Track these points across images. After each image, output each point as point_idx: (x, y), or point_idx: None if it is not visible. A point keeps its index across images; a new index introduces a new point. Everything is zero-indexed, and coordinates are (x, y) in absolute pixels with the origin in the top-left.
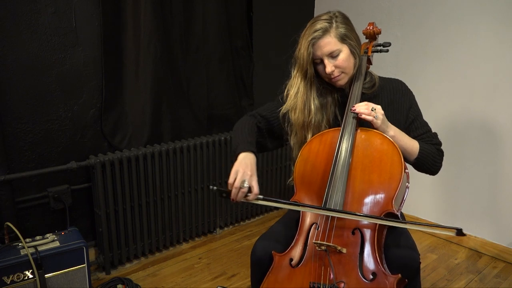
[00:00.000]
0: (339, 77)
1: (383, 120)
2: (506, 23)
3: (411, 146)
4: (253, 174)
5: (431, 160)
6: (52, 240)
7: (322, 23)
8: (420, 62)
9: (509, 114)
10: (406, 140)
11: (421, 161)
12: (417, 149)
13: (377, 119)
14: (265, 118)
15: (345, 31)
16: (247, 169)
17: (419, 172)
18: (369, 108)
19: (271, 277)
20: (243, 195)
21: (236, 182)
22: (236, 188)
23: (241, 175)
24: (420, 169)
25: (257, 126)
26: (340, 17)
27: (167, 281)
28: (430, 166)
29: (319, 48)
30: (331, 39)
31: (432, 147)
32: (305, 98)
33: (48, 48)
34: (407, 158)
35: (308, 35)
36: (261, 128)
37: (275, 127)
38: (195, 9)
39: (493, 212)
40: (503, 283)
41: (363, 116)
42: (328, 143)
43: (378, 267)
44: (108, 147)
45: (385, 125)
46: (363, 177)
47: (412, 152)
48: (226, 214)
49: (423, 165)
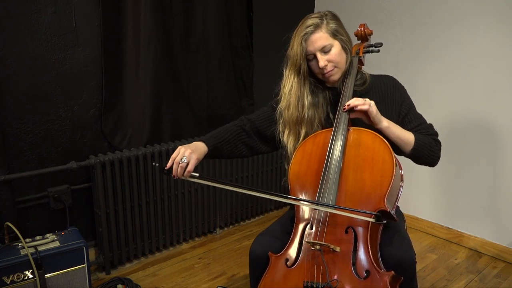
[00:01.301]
0: (332, 72)
1: (377, 110)
2: (506, 23)
3: (406, 137)
4: (193, 152)
5: (427, 150)
6: (52, 240)
7: (313, 19)
8: (420, 62)
9: (509, 114)
10: (400, 131)
11: (418, 152)
12: (412, 140)
13: (372, 107)
14: (251, 121)
15: (335, 27)
16: (189, 148)
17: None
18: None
19: (267, 278)
20: (182, 171)
21: (177, 157)
22: (176, 163)
23: (183, 152)
24: (418, 160)
25: (242, 128)
26: (330, 15)
27: (167, 281)
28: (428, 157)
29: (311, 43)
30: (323, 34)
31: (428, 137)
32: (298, 94)
33: (48, 48)
34: (404, 149)
35: (300, 31)
36: (247, 130)
37: (264, 130)
38: (195, 9)
39: (493, 212)
40: (503, 283)
41: (358, 108)
42: (321, 144)
43: (371, 265)
44: (108, 147)
45: (379, 115)
46: (355, 176)
47: (408, 143)
48: (226, 214)
49: (421, 156)
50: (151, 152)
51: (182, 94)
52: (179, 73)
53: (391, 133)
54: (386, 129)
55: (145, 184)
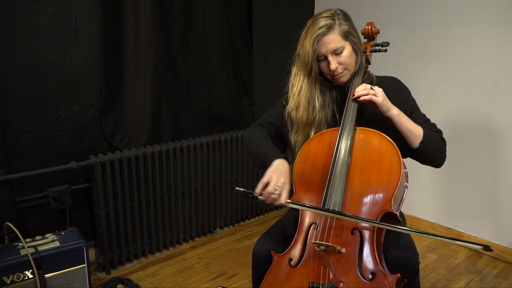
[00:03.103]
0: (342, 74)
1: (384, 98)
2: (506, 23)
3: (415, 129)
4: (286, 181)
5: (435, 146)
6: (52, 240)
7: (326, 20)
8: (420, 62)
9: (509, 114)
10: (410, 122)
11: (425, 146)
12: (421, 133)
13: (377, 96)
14: (273, 125)
15: (348, 28)
16: (281, 175)
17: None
18: (367, 88)
19: (270, 277)
20: (274, 201)
21: (271, 188)
22: (269, 193)
23: (276, 181)
24: (424, 157)
25: (269, 134)
26: (341, 14)
27: (167, 281)
28: (434, 154)
29: (323, 45)
30: (335, 36)
31: (435, 134)
32: (309, 95)
33: (48, 48)
34: (412, 142)
35: (312, 32)
36: (272, 136)
37: (283, 131)
38: (195, 9)
39: (493, 212)
40: (503, 283)
41: (361, 98)
42: (327, 143)
43: (377, 267)
44: (108, 147)
45: (387, 102)
46: (362, 177)
47: (417, 135)
48: (226, 214)
49: (428, 152)
50: (151, 152)
51: (182, 94)
52: (179, 73)
53: (400, 122)
54: (396, 117)
55: (145, 184)
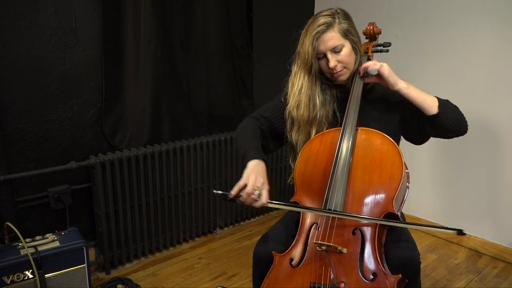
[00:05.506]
0: (341, 72)
1: (390, 71)
2: (506, 23)
3: (428, 96)
4: (265, 182)
5: (453, 109)
6: (52, 240)
7: (325, 18)
8: (420, 62)
9: (509, 114)
10: (421, 93)
11: (445, 110)
12: (436, 101)
13: (383, 68)
14: (268, 119)
15: (347, 27)
16: (259, 176)
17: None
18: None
19: (271, 277)
20: (254, 202)
21: (249, 188)
22: (247, 194)
23: (254, 182)
24: (447, 124)
25: (261, 129)
26: (341, 13)
27: (167, 281)
28: (456, 118)
29: (322, 43)
30: (335, 34)
31: (448, 101)
32: (309, 93)
33: (48, 48)
34: (428, 112)
35: (312, 29)
36: (264, 130)
37: (278, 127)
38: (195, 9)
39: (493, 212)
40: (503, 283)
41: (370, 68)
42: (329, 143)
43: (378, 267)
44: (108, 147)
45: (393, 76)
46: (363, 177)
47: (431, 104)
48: (226, 214)
49: (449, 118)
50: (151, 152)
51: (182, 94)
52: (179, 73)
53: (411, 94)
54: (404, 89)
55: (145, 184)
